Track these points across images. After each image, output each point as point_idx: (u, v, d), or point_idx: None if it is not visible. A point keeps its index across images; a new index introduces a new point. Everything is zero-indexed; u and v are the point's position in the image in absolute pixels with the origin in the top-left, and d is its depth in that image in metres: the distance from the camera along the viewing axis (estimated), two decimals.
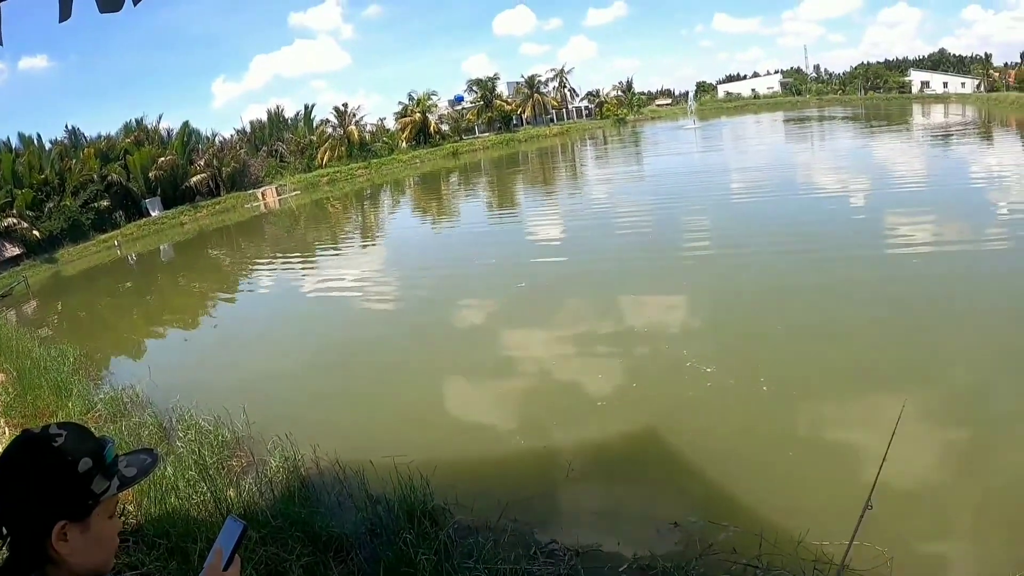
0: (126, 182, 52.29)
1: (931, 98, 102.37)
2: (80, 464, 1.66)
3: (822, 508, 5.91)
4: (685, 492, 6.82)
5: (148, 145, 56.78)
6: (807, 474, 6.81)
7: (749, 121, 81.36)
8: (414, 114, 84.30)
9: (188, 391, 10.40)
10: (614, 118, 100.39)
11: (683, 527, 6.05)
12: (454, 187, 48.45)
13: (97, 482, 1.69)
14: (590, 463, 7.56)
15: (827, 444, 7.32)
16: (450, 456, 7.71)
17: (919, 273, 12.75)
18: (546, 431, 8.51)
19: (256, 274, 25.01)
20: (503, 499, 6.40)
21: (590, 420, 8.72)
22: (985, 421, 7.48)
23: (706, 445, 7.58)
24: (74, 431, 1.72)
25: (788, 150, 41.17)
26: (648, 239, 18.78)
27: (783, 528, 5.54)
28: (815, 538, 5.34)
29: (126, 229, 48.72)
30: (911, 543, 5.57)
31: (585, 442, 8.02)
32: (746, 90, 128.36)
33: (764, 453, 7.14)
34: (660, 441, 7.85)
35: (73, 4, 3.48)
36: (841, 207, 19.94)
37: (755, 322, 11.38)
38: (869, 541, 5.24)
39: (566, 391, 9.78)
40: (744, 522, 5.80)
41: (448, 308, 15.13)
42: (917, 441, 7.01)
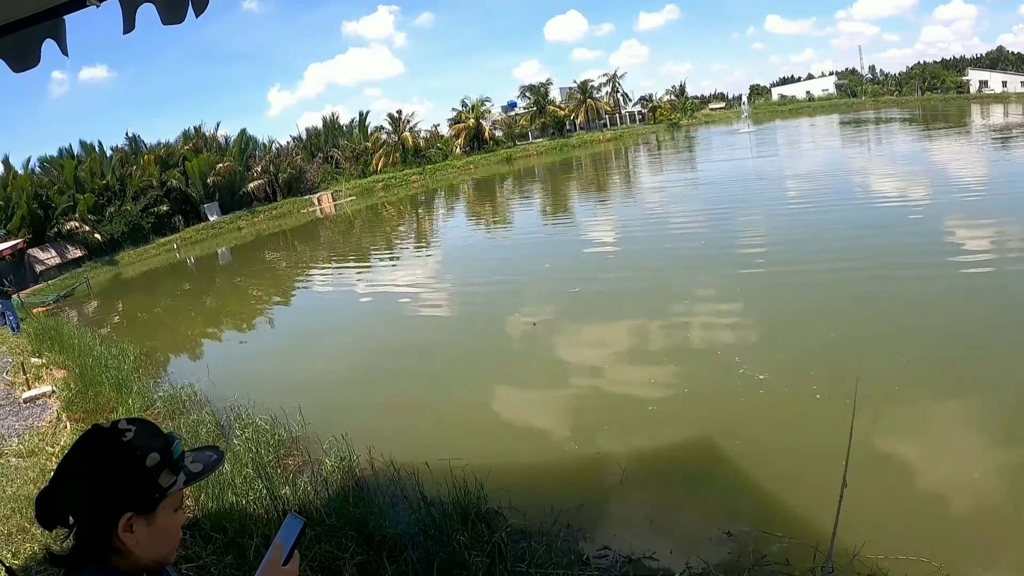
0: (185, 187, 53.51)
1: (990, 98, 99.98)
2: (148, 459, 1.70)
3: (878, 521, 5.76)
4: (738, 501, 6.66)
5: (206, 152, 58.15)
6: (862, 486, 6.65)
7: (804, 124, 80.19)
8: (468, 120, 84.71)
9: (245, 391, 10.51)
10: (667, 123, 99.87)
11: (736, 537, 5.93)
12: (508, 192, 48.54)
13: (164, 476, 1.72)
14: (642, 470, 7.46)
15: (881, 456, 7.12)
16: (503, 461, 7.68)
17: (977, 286, 12.41)
18: (598, 437, 8.44)
19: (311, 278, 25.39)
20: (556, 504, 6.37)
21: (642, 427, 8.62)
22: None
23: (759, 453, 7.44)
24: (143, 427, 1.76)
25: (845, 155, 40.23)
26: (701, 247, 18.46)
27: (840, 540, 5.43)
28: (871, 552, 5.21)
29: (185, 233, 49.84)
30: (969, 560, 5.39)
31: (637, 449, 7.92)
32: (800, 92, 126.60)
33: (818, 463, 6.96)
34: (712, 449, 7.72)
35: (136, 16, 3.54)
36: (899, 216, 19.42)
37: (809, 331, 11.13)
38: (926, 556, 5.18)
39: (617, 397, 9.70)
40: (798, 533, 5.66)
41: (501, 314, 15.07)
42: (982, 462, 6.85)
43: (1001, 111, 72.99)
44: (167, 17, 3.48)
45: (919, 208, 20.23)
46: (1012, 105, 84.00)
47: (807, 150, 47.22)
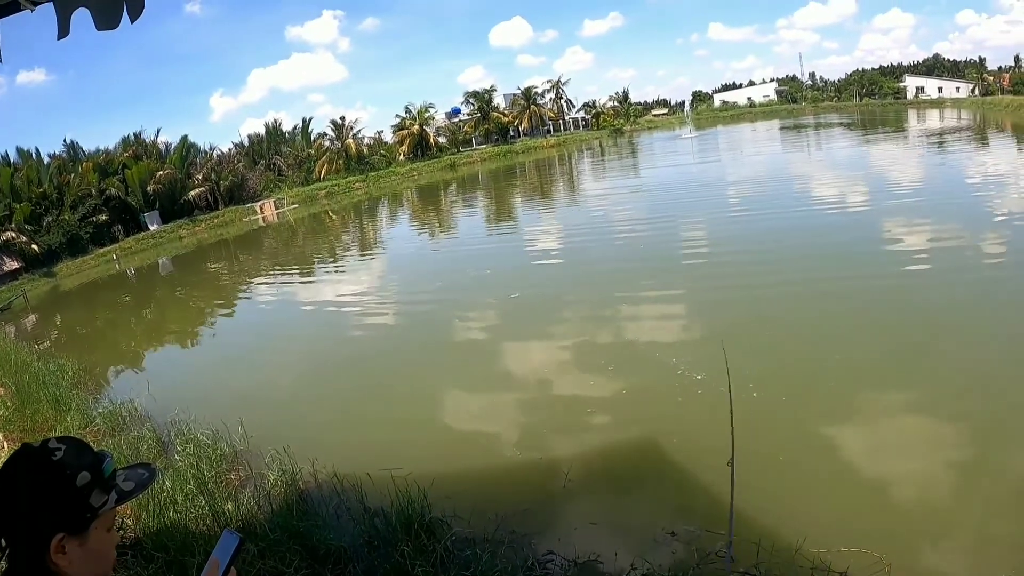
0: (124, 196, 52.37)
1: (926, 103, 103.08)
2: (78, 478, 1.68)
3: (818, 514, 5.95)
4: (681, 501, 6.86)
5: (146, 159, 56.91)
6: (802, 481, 6.86)
7: (746, 130, 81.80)
8: (412, 127, 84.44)
9: (186, 405, 10.39)
10: (610, 129, 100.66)
11: (680, 536, 6.08)
12: (451, 199, 48.63)
13: (95, 496, 1.70)
14: (586, 473, 7.58)
15: (818, 450, 7.37)
16: (447, 468, 7.70)
17: (914, 285, 12.82)
18: (542, 442, 8.55)
19: (254, 288, 25.04)
20: (500, 510, 6.42)
21: (584, 430, 8.78)
22: (985, 423, 7.56)
23: (700, 453, 7.58)
24: (73, 445, 1.73)
25: (785, 160, 41.26)
26: (641, 252, 18.87)
27: (780, 535, 5.57)
28: (812, 545, 5.36)
29: (124, 243, 48.78)
30: (910, 550, 5.61)
31: (580, 452, 8.05)
32: (742, 99, 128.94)
33: (757, 460, 7.16)
34: (654, 449, 7.90)
35: (71, 21, 3.52)
36: (834, 217, 20.05)
37: (744, 331, 11.45)
38: (868, 547, 5.34)
39: (558, 401, 9.87)
40: (741, 530, 5.78)
41: (444, 321, 15.18)
42: (920, 449, 7.14)
43: (937, 115, 75.38)
44: (101, 22, 3.46)
45: (857, 211, 20.89)
46: (947, 110, 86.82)
47: (748, 155, 48.22)
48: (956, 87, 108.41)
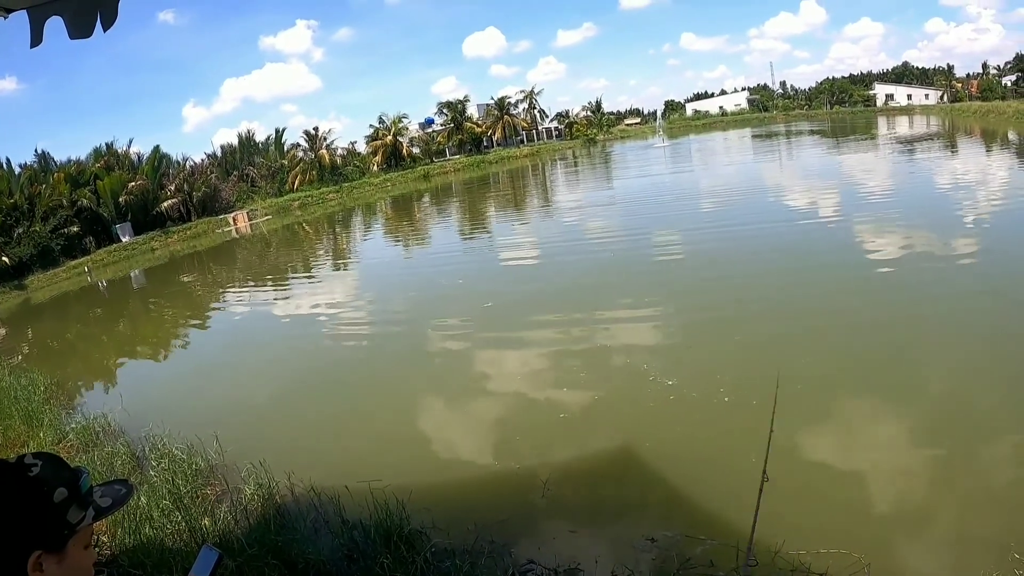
0: (96, 207, 51.72)
1: (896, 110, 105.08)
2: (55, 494, 1.66)
3: (799, 518, 6.00)
4: (660, 506, 6.89)
5: (118, 170, 56.18)
6: (779, 483, 6.92)
7: (718, 138, 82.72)
8: (385, 137, 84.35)
9: (161, 419, 10.25)
10: (584, 138, 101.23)
11: (660, 542, 6.11)
12: (425, 210, 48.56)
13: (72, 512, 1.69)
14: (564, 481, 7.59)
15: (794, 455, 7.43)
16: (426, 480, 7.73)
17: (884, 288, 13.03)
18: (519, 451, 8.56)
19: (228, 300, 24.85)
20: (480, 521, 6.44)
21: (560, 438, 8.80)
22: (959, 428, 7.66)
23: (674, 458, 7.72)
24: (49, 461, 1.72)
25: (757, 168, 41.67)
26: (613, 262, 19.01)
27: (759, 538, 5.62)
28: (792, 547, 5.44)
29: (96, 255, 48.15)
30: (888, 550, 5.68)
31: (558, 460, 8.07)
32: (714, 108, 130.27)
33: (732, 464, 7.23)
34: (630, 455, 7.95)
35: (44, 30, 3.51)
36: (805, 223, 20.35)
37: (714, 339, 11.63)
38: (847, 548, 5.41)
39: (533, 410, 9.90)
40: (721, 534, 5.87)
41: (418, 332, 15.17)
42: (896, 453, 7.26)
43: (907, 122, 76.71)
44: (75, 31, 3.47)
45: (828, 218, 21.23)
46: (917, 117, 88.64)
47: (720, 163, 48.68)
48: (925, 94, 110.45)
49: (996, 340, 9.92)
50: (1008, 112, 71.25)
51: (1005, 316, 10.91)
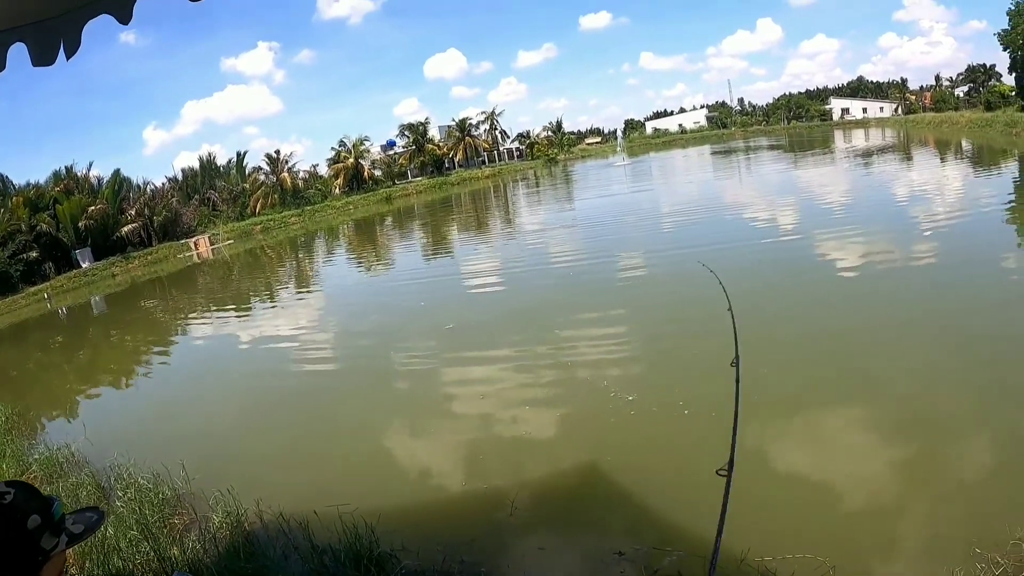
0: (56, 232, 51.04)
1: (852, 124, 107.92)
2: (29, 521, 1.75)
3: (763, 525, 6.16)
4: (626, 520, 7.03)
5: (78, 194, 55.46)
6: (741, 492, 7.16)
7: (678, 156, 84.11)
8: (347, 160, 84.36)
9: (125, 448, 10.17)
10: (545, 158, 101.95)
11: (628, 555, 6.23)
12: (387, 233, 48.63)
13: (46, 539, 1.78)
14: (530, 499, 7.71)
15: (757, 463, 7.66)
16: (394, 502, 7.81)
17: (844, 291, 13.56)
18: (485, 471, 8.67)
19: (190, 327, 24.63)
20: (449, 541, 6.54)
21: (525, 457, 8.94)
22: (920, 428, 8.02)
23: (636, 471, 7.90)
24: (22, 489, 1.80)
25: (717, 185, 42.53)
26: (572, 282, 19.28)
27: (725, 547, 5.82)
28: (756, 554, 5.60)
29: (56, 281, 47.48)
30: (852, 553, 5.86)
31: (524, 479, 8.19)
32: (673, 125, 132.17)
33: (694, 475, 7.43)
34: (595, 471, 8.10)
35: (7, 55, 3.65)
36: (766, 238, 20.79)
37: (672, 352, 12.05)
38: (811, 552, 5.61)
39: (497, 430, 10.05)
40: (687, 545, 6.04)
41: (381, 355, 15.26)
42: (858, 456, 7.55)
43: (862, 135, 78.54)
44: (37, 59, 3.53)
45: (787, 229, 21.86)
46: (872, 130, 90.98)
47: (681, 181, 49.38)
48: (880, 107, 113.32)
49: (952, 340, 10.43)
50: (961, 122, 73.49)
51: (963, 317, 11.44)
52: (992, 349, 9.92)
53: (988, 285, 13.16)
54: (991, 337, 10.31)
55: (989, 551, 5.35)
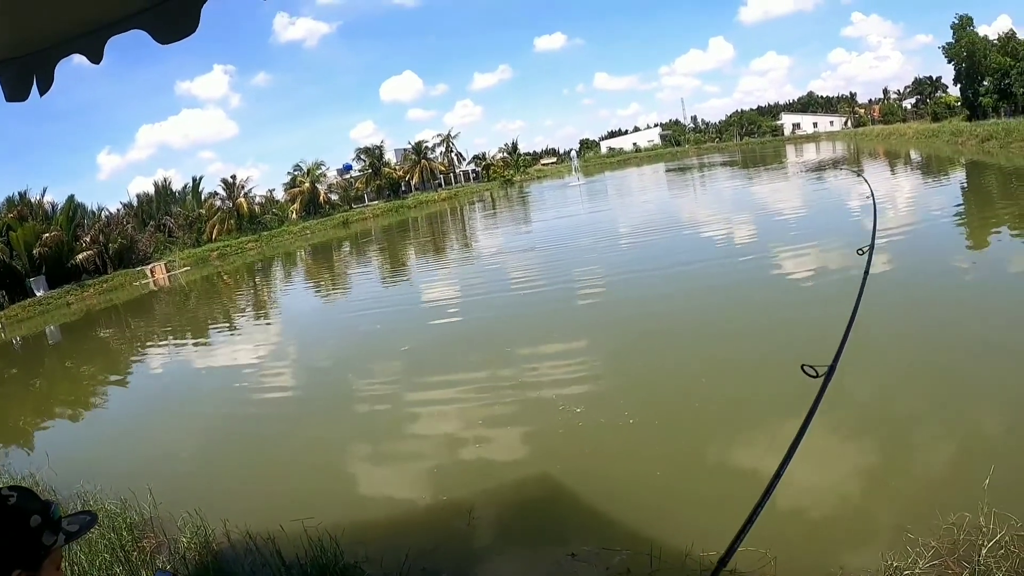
0: (9, 260, 50.26)
1: (803, 138, 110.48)
2: (31, 520, 1.95)
3: (705, 524, 6.48)
4: (578, 523, 7.38)
5: (32, 220, 54.68)
6: (683, 492, 7.53)
7: (633, 174, 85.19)
8: (303, 184, 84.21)
9: (91, 476, 10.27)
10: (501, 180, 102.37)
11: (580, 556, 6.56)
12: (344, 257, 48.63)
13: (47, 536, 1.98)
14: (489, 508, 8.06)
15: (693, 463, 8.26)
16: (357, 516, 8.11)
17: (795, 301, 14.08)
18: (444, 484, 8.97)
19: (148, 355, 24.50)
20: (411, 550, 6.79)
21: (482, 468, 9.31)
22: (857, 422, 8.54)
23: (585, 478, 8.31)
24: (23, 492, 2.02)
25: (671, 203, 43.20)
26: (525, 302, 19.77)
27: (670, 545, 6.14)
28: (700, 549, 5.95)
29: (10, 310, 46.68)
30: (794, 543, 6.21)
31: (481, 489, 8.53)
32: (628, 144, 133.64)
33: (642, 478, 7.91)
34: (548, 480, 8.50)
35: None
36: (712, 249, 21.39)
37: (618, 366, 12.58)
38: (753, 546, 5.83)
39: (455, 443, 10.38)
40: (635, 544, 6.38)
41: (339, 377, 15.60)
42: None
43: (814, 149, 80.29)
44: (11, 94, 3.69)
45: (741, 245, 22.71)
46: (823, 143, 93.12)
47: (636, 201, 49.97)
48: (830, 121, 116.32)
49: (893, 341, 11.09)
50: (908, 133, 76.04)
51: (912, 320, 12.30)
52: (945, 351, 10.70)
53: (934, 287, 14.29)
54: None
55: (921, 536, 5.75)
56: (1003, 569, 5.12)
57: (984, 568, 5.21)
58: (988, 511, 5.66)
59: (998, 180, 34.37)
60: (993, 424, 8.20)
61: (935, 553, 5.52)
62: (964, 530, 5.69)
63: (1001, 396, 8.82)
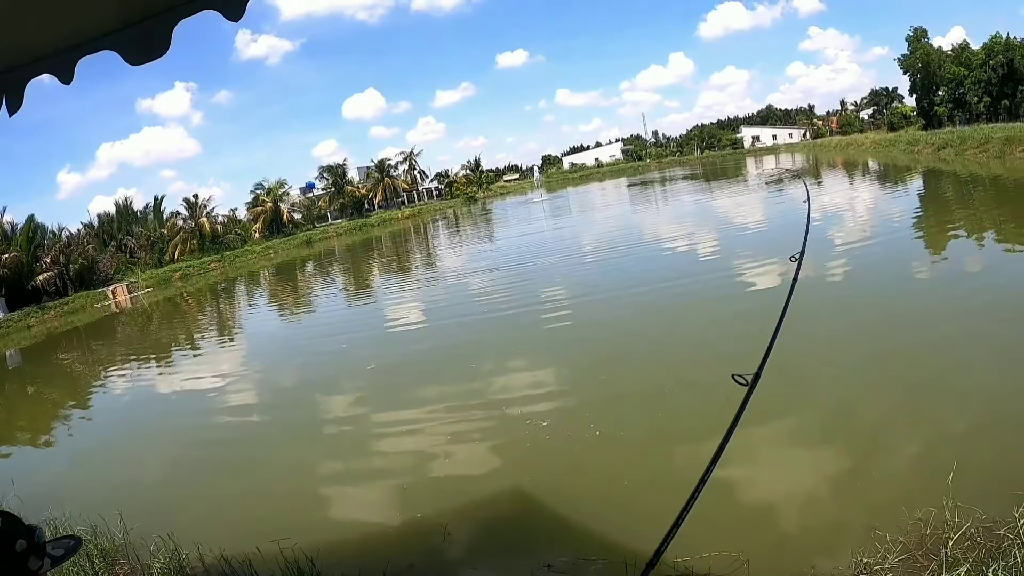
0: None
1: (762, 150, 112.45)
2: (16, 544, 1.96)
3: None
4: (552, 535, 7.41)
5: None
6: (652, 500, 7.57)
7: (595, 189, 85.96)
8: (266, 204, 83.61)
9: (59, 503, 10.02)
10: (464, 197, 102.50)
11: (556, 567, 6.58)
12: (308, 277, 48.33)
13: (32, 560, 1.99)
14: (464, 523, 8.04)
15: (659, 472, 8.35)
16: (332, 536, 8.04)
17: (757, 311, 14.17)
18: (418, 501, 8.92)
19: (112, 378, 23.96)
20: (388, 569, 6.78)
21: (454, 484, 9.32)
22: (822, 425, 8.89)
23: (554, 489, 8.40)
24: (7, 517, 2.02)
25: (634, 218, 43.48)
26: (488, 320, 19.83)
27: (644, 552, 6.11)
28: (674, 555, 5.96)
29: None
30: (765, 546, 6.35)
31: (455, 505, 8.48)
32: (590, 160, 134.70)
33: (612, 488, 7.96)
34: (518, 493, 8.56)
35: None
36: (674, 260, 21.82)
37: (582, 381, 12.65)
38: (726, 549, 6.03)
39: (425, 460, 10.38)
40: (609, 553, 6.41)
41: (306, 396, 15.51)
42: (763, 457, 8.14)
43: (773, 161, 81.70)
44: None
45: (703, 255, 23.15)
46: (782, 155, 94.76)
47: (598, 217, 50.24)
48: (789, 133, 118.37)
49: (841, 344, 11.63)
50: (865, 143, 77.93)
51: (870, 323, 12.76)
52: (905, 354, 11.04)
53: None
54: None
55: (890, 532, 5.90)
56: (970, 560, 5.27)
57: (952, 559, 5.36)
58: (953, 505, 5.85)
59: (954, 186, 35.68)
60: (954, 421, 8.47)
61: (903, 548, 5.68)
62: (931, 525, 5.87)
63: (961, 394, 9.15)
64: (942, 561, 5.38)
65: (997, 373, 9.60)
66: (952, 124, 70.45)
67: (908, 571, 5.50)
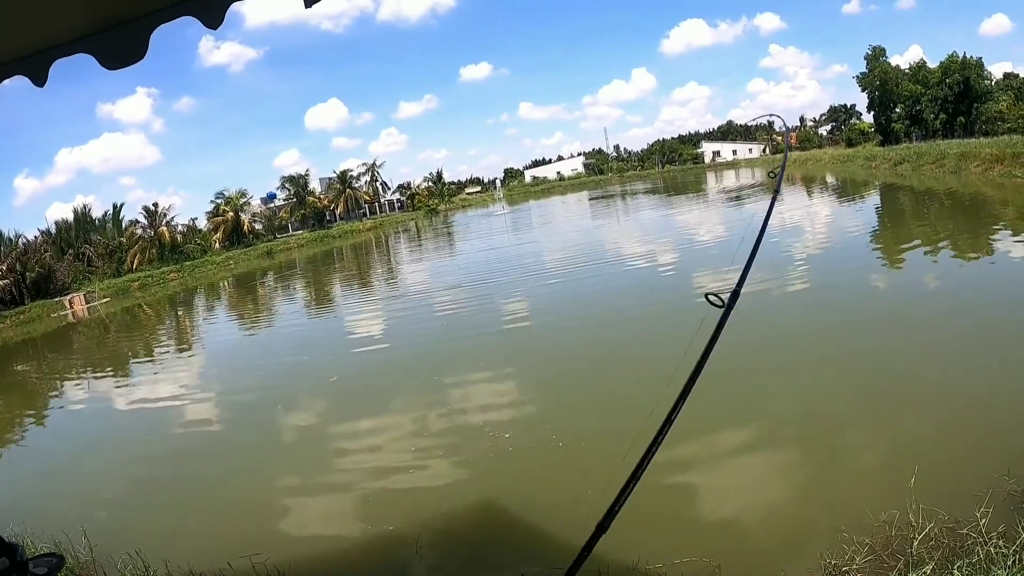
0: None
1: (723, 165, 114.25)
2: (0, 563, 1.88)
3: (646, 539, 6.56)
4: (522, 545, 7.41)
5: None
6: (624, 513, 7.49)
7: (557, 202, 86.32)
8: (226, 213, 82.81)
9: (19, 520, 9.67)
10: (426, 209, 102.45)
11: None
12: (269, 288, 47.74)
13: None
14: (435, 536, 7.97)
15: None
16: (305, 551, 7.92)
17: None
18: (388, 515, 8.81)
19: (68, 391, 23.40)
20: None
21: (422, 496, 9.25)
22: (789, 431, 9.00)
23: (522, 501, 8.41)
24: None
25: (596, 233, 43.59)
26: (444, 329, 19.96)
27: (616, 560, 6.11)
28: (644, 563, 6.06)
29: None
30: (736, 552, 6.42)
31: (425, 518, 8.41)
32: (552, 173, 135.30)
33: (578, 497, 7.84)
34: (486, 505, 8.55)
35: None
36: (637, 277, 22.05)
37: (545, 394, 12.73)
38: (697, 555, 6.10)
39: (389, 474, 10.30)
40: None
41: (268, 409, 15.22)
42: (731, 463, 8.34)
43: (733, 175, 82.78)
44: None
45: (665, 269, 23.17)
46: (742, 170, 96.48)
47: (559, 230, 50.31)
48: (749, 148, 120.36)
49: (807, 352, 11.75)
50: (824, 159, 79.51)
51: (830, 332, 13.02)
52: (864, 361, 11.24)
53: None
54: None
55: (855, 534, 6.05)
56: (935, 558, 5.43)
57: (917, 558, 5.52)
58: (916, 507, 6.06)
59: (910, 200, 36.48)
60: (914, 426, 8.70)
61: (870, 549, 5.84)
62: (895, 526, 6.06)
63: (920, 399, 9.44)
64: (908, 560, 5.53)
65: (955, 378, 9.90)
66: (909, 140, 72.39)
67: (875, 571, 5.65)
